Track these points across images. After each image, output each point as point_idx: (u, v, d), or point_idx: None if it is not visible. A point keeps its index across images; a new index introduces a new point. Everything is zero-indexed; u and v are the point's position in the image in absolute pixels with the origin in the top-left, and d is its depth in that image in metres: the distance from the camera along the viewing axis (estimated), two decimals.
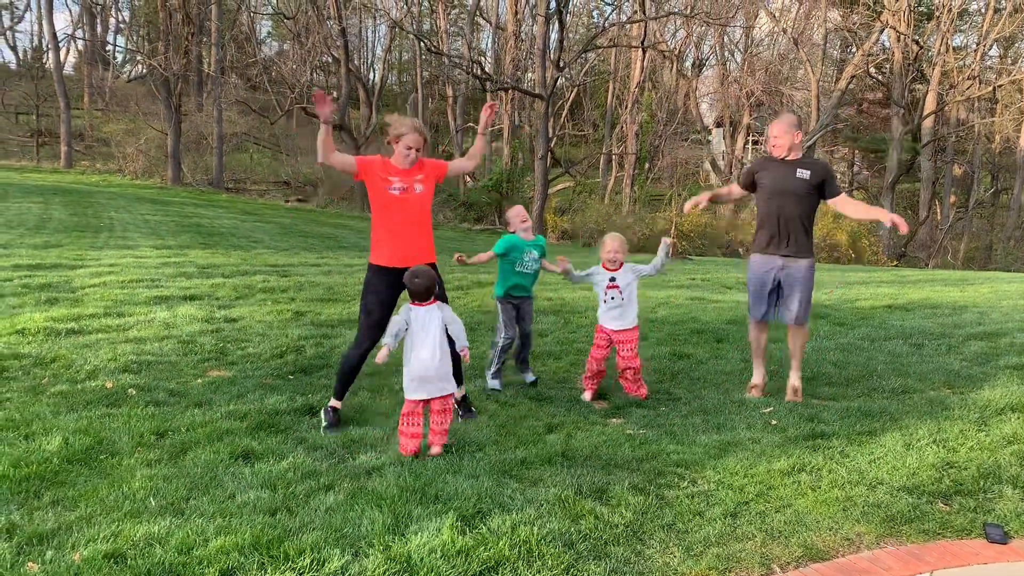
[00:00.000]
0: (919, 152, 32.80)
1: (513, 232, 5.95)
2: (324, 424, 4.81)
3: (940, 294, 11.55)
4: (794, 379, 5.73)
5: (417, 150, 4.83)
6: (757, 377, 5.86)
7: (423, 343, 4.33)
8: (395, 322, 4.40)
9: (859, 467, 4.17)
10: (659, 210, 32.19)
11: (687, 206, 5.99)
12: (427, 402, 4.35)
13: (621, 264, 5.67)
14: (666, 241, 5.69)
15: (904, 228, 5.38)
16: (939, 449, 4.41)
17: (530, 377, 6.07)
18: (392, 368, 5.07)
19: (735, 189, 6.13)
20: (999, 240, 36.31)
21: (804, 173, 5.53)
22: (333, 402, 4.98)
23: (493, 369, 5.93)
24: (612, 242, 5.70)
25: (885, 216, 5.51)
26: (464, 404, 5.17)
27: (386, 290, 4.86)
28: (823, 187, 5.58)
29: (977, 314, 9.23)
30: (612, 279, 5.62)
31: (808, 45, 38.22)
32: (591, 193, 36.67)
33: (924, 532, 3.48)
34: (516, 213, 6.04)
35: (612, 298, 5.63)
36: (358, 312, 5.05)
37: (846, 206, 5.73)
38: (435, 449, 4.32)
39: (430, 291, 4.40)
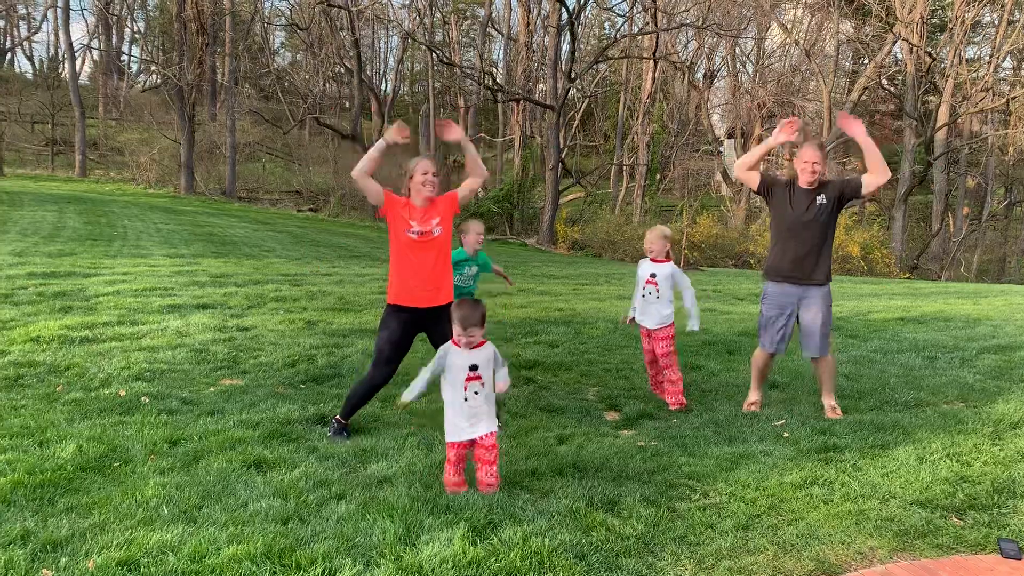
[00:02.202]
0: (932, 164, 32.67)
1: (463, 245, 5.80)
2: (329, 433, 4.80)
3: (953, 307, 11.48)
4: (829, 399, 5.59)
5: (434, 174, 4.75)
6: (754, 396, 5.81)
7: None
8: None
9: (872, 480, 4.15)
10: (670, 221, 32.14)
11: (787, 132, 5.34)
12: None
13: (666, 259, 5.82)
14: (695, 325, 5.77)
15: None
16: (953, 463, 4.38)
17: None
18: (400, 379, 5.05)
19: (755, 174, 5.56)
20: (1013, 253, 36.12)
21: (822, 199, 5.34)
22: (339, 418, 4.95)
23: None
24: (650, 234, 5.92)
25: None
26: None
27: (399, 329, 4.80)
28: (844, 196, 5.39)
29: (991, 327, 9.17)
30: (653, 274, 5.78)
31: (820, 57, 38.20)
32: (602, 204, 36.71)
33: (937, 547, 3.46)
34: (475, 228, 5.84)
35: (649, 292, 5.80)
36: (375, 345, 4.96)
37: (870, 174, 5.32)
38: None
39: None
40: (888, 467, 4.33)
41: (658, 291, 5.77)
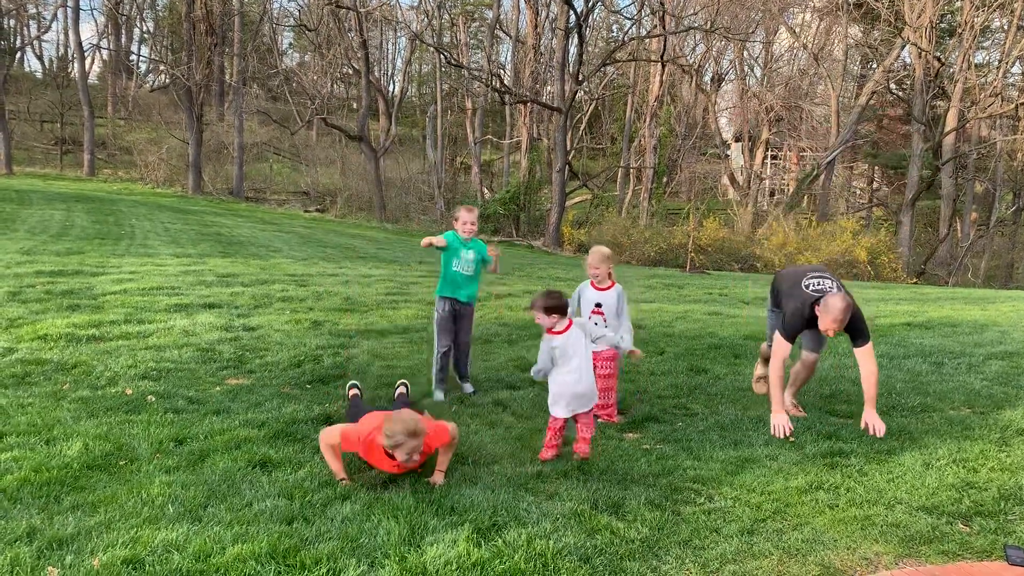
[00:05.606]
0: (940, 169, 32.54)
1: (455, 228, 5.89)
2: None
3: (960, 312, 11.43)
4: (788, 397, 5.62)
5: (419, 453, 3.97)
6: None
7: (566, 366, 4.54)
8: (541, 360, 4.61)
9: (877, 486, 4.14)
10: (676, 224, 32.10)
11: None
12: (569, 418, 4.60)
13: (611, 284, 5.56)
14: (631, 352, 5.44)
15: (880, 433, 4.87)
16: (959, 469, 4.37)
17: (468, 388, 6.02)
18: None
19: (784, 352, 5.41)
20: (1021, 258, 35.94)
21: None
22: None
23: (435, 378, 5.93)
24: (592, 256, 5.58)
25: (868, 416, 4.99)
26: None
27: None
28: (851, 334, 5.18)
29: (998, 333, 9.13)
30: (598, 304, 5.49)
31: (828, 61, 38.12)
32: (608, 206, 36.67)
33: (943, 553, 3.45)
34: (464, 215, 5.89)
35: (597, 323, 5.44)
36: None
37: (862, 363, 5.18)
38: (584, 450, 4.55)
39: (563, 311, 4.58)
40: (894, 473, 4.32)
41: (606, 321, 5.49)
